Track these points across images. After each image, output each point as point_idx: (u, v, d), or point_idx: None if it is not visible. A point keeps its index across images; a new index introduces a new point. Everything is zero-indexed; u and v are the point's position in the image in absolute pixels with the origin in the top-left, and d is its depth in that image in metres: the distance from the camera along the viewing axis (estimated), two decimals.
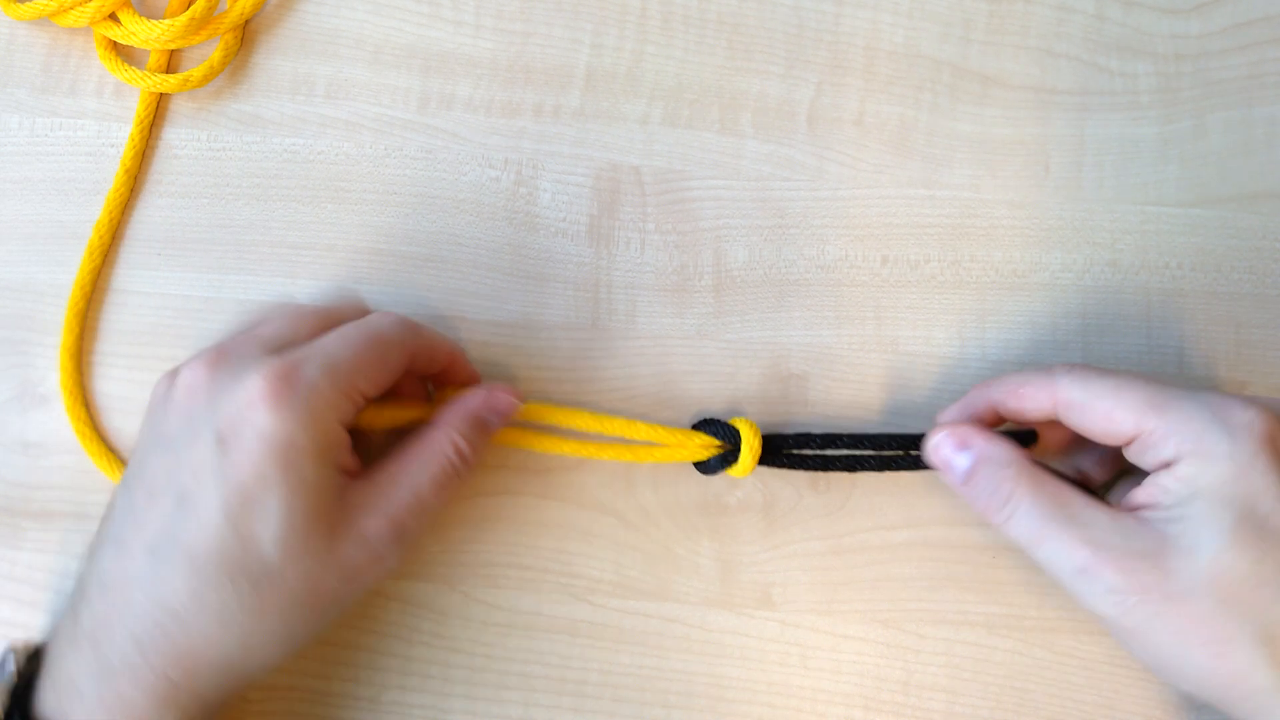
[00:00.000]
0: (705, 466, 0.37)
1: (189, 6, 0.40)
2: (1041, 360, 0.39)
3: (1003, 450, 0.33)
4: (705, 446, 0.37)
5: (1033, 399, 0.34)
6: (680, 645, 0.37)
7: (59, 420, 0.38)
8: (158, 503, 0.30)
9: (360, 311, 0.35)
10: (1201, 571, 0.29)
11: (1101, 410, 0.32)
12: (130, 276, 0.39)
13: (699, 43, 0.42)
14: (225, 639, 0.29)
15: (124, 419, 0.38)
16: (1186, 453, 0.30)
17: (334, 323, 0.34)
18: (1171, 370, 0.39)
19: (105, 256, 0.39)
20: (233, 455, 0.29)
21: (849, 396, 0.39)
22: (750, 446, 0.36)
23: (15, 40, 0.41)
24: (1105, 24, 0.42)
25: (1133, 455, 0.33)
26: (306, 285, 0.39)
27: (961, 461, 0.34)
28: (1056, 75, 0.42)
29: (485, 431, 0.34)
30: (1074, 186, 0.41)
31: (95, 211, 0.39)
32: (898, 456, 0.37)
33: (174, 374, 0.32)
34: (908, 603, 0.37)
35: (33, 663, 0.31)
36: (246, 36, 0.41)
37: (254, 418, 0.29)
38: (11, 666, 0.30)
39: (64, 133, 0.40)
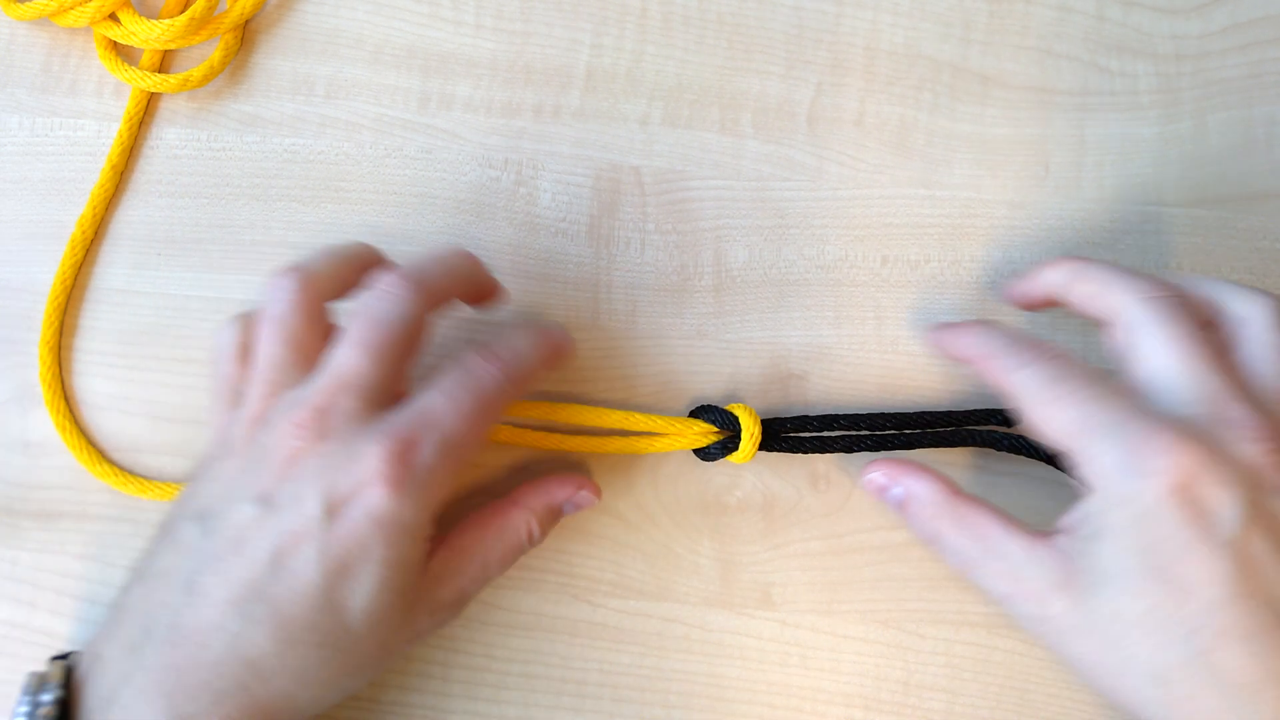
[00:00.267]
0: (706, 453, 0.37)
1: (187, 7, 0.40)
2: None
3: (926, 488, 0.34)
4: (704, 434, 0.37)
5: (993, 380, 0.34)
6: (680, 645, 0.37)
7: None
8: (246, 556, 0.29)
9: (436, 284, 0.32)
10: (1098, 609, 0.30)
11: (1035, 421, 0.32)
12: (129, 276, 0.39)
13: (699, 43, 0.42)
14: (300, 695, 0.29)
15: (122, 419, 0.38)
16: (1099, 489, 0.30)
17: (414, 331, 0.32)
18: None
19: (88, 252, 0.39)
20: (339, 527, 0.29)
21: (849, 397, 0.39)
22: (750, 433, 0.36)
23: (15, 40, 0.41)
24: (1105, 24, 0.42)
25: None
26: None
27: (896, 493, 0.35)
28: (1056, 75, 0.42)
29: (557, 519, 0.36)
30: (1074, 186, 0.41)
31: None
32: (893, 436, 0.37)
33: (256, 423, 0.31)
34: (908, 603, 0.37)
35: (65, 688, 0.29)
36: (246, 36, 0.41)
37: (368, 497, 0.29)
38: (49, 697, 0.29)
39: (64, 132, 0.40)
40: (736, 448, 0.37)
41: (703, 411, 0.37)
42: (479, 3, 0.42)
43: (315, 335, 0.32)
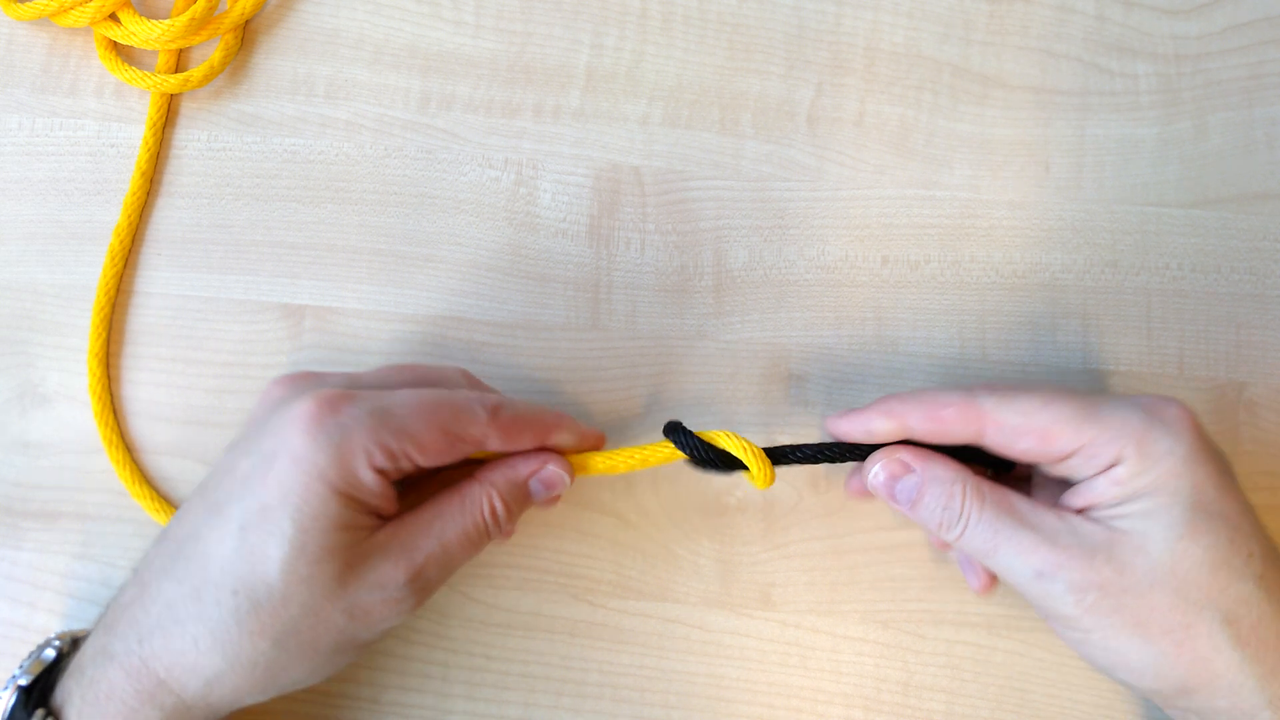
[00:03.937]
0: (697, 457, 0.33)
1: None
2: (1043, 361, 0.39)
3: (945, 467, 0.33)
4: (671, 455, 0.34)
5: (958, 424, 0.32)
6: (680, 645, 0.37)
7: (59, 420, 0.38)
8: (198, 504, 0.31)
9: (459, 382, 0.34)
10: (1158, 563, 0.30)
11: (1037, 429, 0.31)
12: (128, 276, 0.39)
13: (699, 43, 0.42)
14: (214, 651, 0.29)
15: (122, 418, 0.38)
16: (1129, 455, 0.30)
17: (431, 382, 0.33)
18: (1171, 371, 0.39)
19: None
20: (269, 473, 0.29)
21: (849, 397, 0.39)
22: (760, 469, 0.33)
23: (15, 40, 0.41)
24: (1105, 24, 0.42)
25: (1064, 469, 0.32)
26: (306, 285, 0.39)
27: (906, 487, 0.33)
28: (1057, 76, 0.42)
29: (526, 501, 0.33)
30: (1074, 187, 0.41)
31: (95, 211, 0.40)
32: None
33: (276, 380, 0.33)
34: (908, 603, 0.37)
35: (76, 648, 0.32)
36: (246, 36, 0.41)
37: (290, 439, 0.29)
38: (52, 651, 0.31)
39: (64, 133, 0.40)
40: (728, 467, 0.33)
41: (676, 433, 0.33)
42: (479, 3, 0.42)
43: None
